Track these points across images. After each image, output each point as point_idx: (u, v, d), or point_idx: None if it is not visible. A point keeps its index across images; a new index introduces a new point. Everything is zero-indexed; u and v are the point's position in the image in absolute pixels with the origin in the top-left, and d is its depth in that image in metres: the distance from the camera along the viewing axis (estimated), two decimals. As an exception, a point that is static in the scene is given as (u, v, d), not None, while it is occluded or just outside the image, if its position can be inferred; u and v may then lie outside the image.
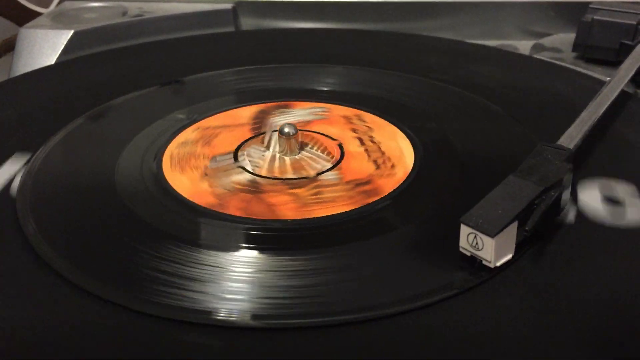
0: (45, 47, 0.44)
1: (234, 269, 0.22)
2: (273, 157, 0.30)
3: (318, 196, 0.27)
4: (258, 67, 0.41)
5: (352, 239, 0.24)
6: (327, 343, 0.19)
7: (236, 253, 0.23)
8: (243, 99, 0.36)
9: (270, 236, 0.24)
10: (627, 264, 0.22)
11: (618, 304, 0.21)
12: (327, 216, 0.25)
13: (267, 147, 0.31)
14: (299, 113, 0.35)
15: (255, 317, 0.20)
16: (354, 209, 0.26)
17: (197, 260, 0.23)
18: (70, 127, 0.33)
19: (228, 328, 0.20)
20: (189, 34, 0.48)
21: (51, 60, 0.44)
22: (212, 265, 0.22)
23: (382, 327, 0.20)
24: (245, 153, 0.30)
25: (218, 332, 0.20)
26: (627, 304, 0.21)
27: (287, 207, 0.26)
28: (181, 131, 0.33)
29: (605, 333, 0.19)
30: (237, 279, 0.22)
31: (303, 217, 0.25)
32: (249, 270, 0.22)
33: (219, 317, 0.20)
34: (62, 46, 0.44)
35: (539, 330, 0.19)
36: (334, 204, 0.26)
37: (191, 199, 0.26)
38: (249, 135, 0.32)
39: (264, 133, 0.32)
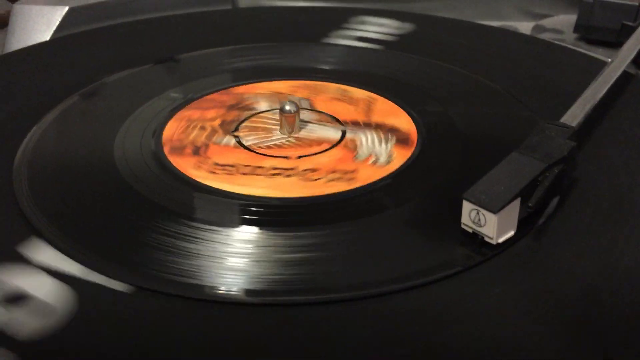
0: (39, 24, 0.43)
1: (233, 244, 0.22)
2: (282, 137, 0.30)
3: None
4: (255, 45, 0.40)
5: (353, 217, 0.24)
6: (327, 319, 0.19)
7: (238, 229, 0.23)
8: (239, 77, 0.36)
9: (273, 212, 0.24)
10: (631, 241, 0.22)
11: (623, 281, 0.20)
12: (328, 194, 0.25)
13: (268, 131, 0.30)
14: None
15: (253, 292, 0.20)
16: (357, 187, 0.25)
17: (200, 237, 0.22)
18: (65, 105, 0.32)
19: (225, 303, 0.20)
20: (186, 12, 0.48)
21: (46, 36, 0.43)
22: (211, 241, 0.22)
23: (382, 304, 0.20)
24: (249, 140, 0.30)
25: (215, 308, 0.20)
26: (631, 281, 0.21)
27: (293, 184, 0.26)
28: (179, 109, 0.32)
29: (606, 311, 0.19)
30: (239, 253, 0.22)
31: (305, 195, 0.25)
32: (251, 246, 0.22)
33: (217, 292, 0.20)
34: (57, 23, 0.44)
35: (540, 307, 0.19)
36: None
37: (191, 176, 0.26)
38: (232, 125, 0.32)
39: (247, 119, 0.32)
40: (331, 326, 0.19)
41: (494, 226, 0.21)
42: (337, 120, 0.31)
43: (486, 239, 0.22)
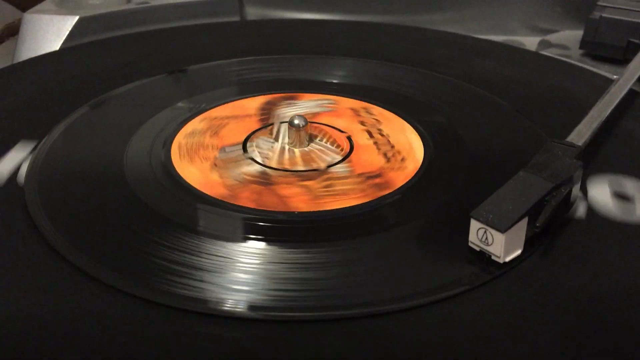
0: (49, 33, 0.44)
1: (242, 260, 0.22)
2: (282, 149, 0.30)
3: (329, 189, 0.27)
4: (263, 57, 0.41)
5: (361, 233, 0.24)
6: (334, 337, 0.19)
7: (246, 244, 0.23)
8: (248, 90, 0.36)
9: (280, 228, 0.24)
10: (638, 260, 0.22)
11: (630, 300, 0.21)
12: (336, 209, 0.25)
13: (276, 139, 0.31)
14: (306, 105, 0.35)
15: (261, 309, 0.20)
16: (363, 203, 0.26)
17: (207, 251, 0.23)
18: (75, 115, 0.33)
19: (234, 319, 0.20)
20: (194, 23, 0.48)
21: (55, 46, 0.44)
22: (220, 256, 0.22)
23: (388, 323, 0.20)
24: (254, 144, 0.30)
25: (224, 323, 0.20)
26: (638, 300, 0.21)
27: (298, 199, 0.26)
28: (188, 121, 0.32)
29: (616, 329, 0.20)
30: (245, 270, 0.22)
31: (313, 210, 0.25)
32: (258, 261, 0.22)
33: (225, 308, 0.20)
34: (67, 32, 0.44)
35: (546, 326, 0.20)
36: (346, 196, 0.26)
37: (201, 190, 0.26)
38: (256, 126, 0.32)
39: (272, 124, 0.32)
40: (335, 344, 0.19)
41: (501, 245, 0.21)
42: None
43: (493, 257, 0.22)
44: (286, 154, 0.30)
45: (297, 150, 0.30)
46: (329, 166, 0.29)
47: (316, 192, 0.26)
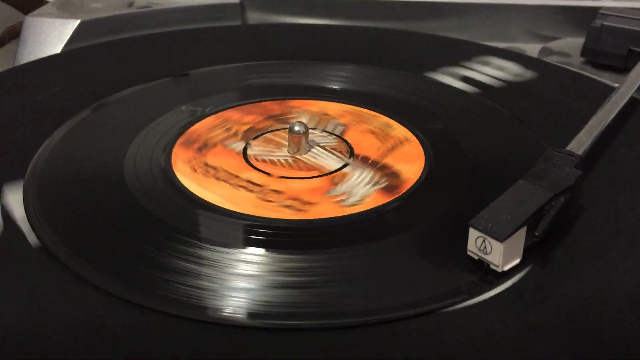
0: (51, 36, 0.44)
1: (241, 266, 0.22)
2: (284, 156, 0.30)
3: (329, 193, 0.27)
4: (264, 62, 0.41)
5: (360, 241, 0.24)
6: (331, 345, 0.19)
7: (245, 251, 0.23)
8: (248, 95, 0.36)
9: (280, 235, 0.24)
10: (638, 269, 0.22)
11: (630, 309, 0.21)
12: (335, 217, 0.25)
13: (277, 147, 0.31)
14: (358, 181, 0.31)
15: (259, 316, 0.20)
16: (361, 211, 0.26)
17: (206, 257, 0.23)
18: (76, 119, 0.33)
19: (230, 326, 0.20)
20: (196, 27, 0.48)
21: (57, 49, 0.44)
22: (218, 262, 0.22)
23: (386, 331, 0.20)
24: (254, 150, 0.30)
25: (220, 330, 0.20)
26: (637, 309, 0.21)
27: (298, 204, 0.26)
28: (189, 126, 0.32)
29: (616, 339, 0.19)
30: (244, 276, 0.22)
31: (312, 218, 0.25)
32: (256, 268, 0.22)
33: (222, 315, 0.20)
34: (69, 36, 0.44)
35: (545, 336, 0.19)
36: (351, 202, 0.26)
37: (201, 196, 0.26)
38: (256, 133, 0.32)
39: (271, 132, 0.32)
40: (333, 352, 0.19)
41: (500, 254, 0.21)
42: (351, 152, 0.30)
43: (492, 266, 0.22)
44: (288, 160, 0.30)
45: (298, 157, 0.30)
46: (331, 172, 0.29)
47: (315, 198, 0.26)
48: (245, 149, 0.30)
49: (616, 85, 0.34)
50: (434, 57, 0.42)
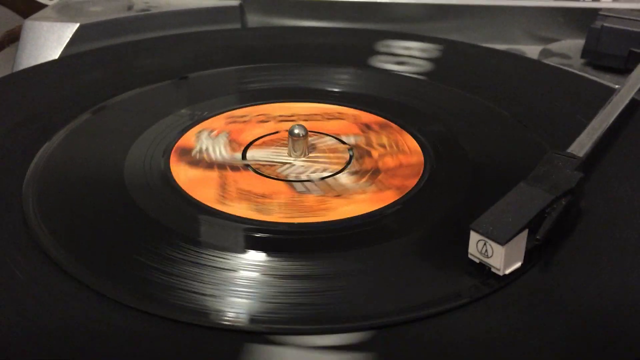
0: (50, 40, 0.44)
1: (241, 271, 0.22)
2: (285, 159, 0.30)
3: (328, 198, 0.27)
4: (263, 65, 0.41)
5: (361, 245, 0.24)
6: (332, 349, 0.19)
7: (241, 254, 0.23)
8: (248, 98, 0.36)
9: (280, 239, 0.24)
10: (637, 270, 0.22)
11: (632, 312, 0.20)
12: (334, 221, 0.25)
13: (276, 150, 0.31)
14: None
15: (258, 321, 0.20)
16: (361, 214, 0.25)
17: (205, 261, 0.22)
18: (76, 123, 0.32)
19: (229, 331, 0.20)
20: (195, 30, 0.48)
21: (56, 53, 0.44)
22: (218, 267, 0.22)
23: (387, 335, 0.20)
24: (254, 154, 0.30)
25: (220, 335, 0.19)
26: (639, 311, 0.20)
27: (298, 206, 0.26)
28: (188, 129, 0.32)
29: (618, 342, 0.19)
30: (242, 281, 0.22)
31: (312, 221, 0.25)
32: (256, 272, 0.22)
33: (223, 320, 0.20)
34: (68, 39, 0.44)
35: (547, 339, 0.19)
36: (351, 202, 0.26)
37: (199, 199, 0.26)
38: (256, 135, 0.32)
39: (272, 134, 0.32)
40: (334, 356, 0.19)
41: (501, 257, 0.21)
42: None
43: (493, 269, 0.22)
44: (288, 164, 0.30)
45: (298, 160, 0.30)
46: (330, 175, 0.29)
47: (315, 203, 0.26)
48: (244, 154, 0.30)
49: (617, 86, 0.34)
50: (432, 59, 0.42)
